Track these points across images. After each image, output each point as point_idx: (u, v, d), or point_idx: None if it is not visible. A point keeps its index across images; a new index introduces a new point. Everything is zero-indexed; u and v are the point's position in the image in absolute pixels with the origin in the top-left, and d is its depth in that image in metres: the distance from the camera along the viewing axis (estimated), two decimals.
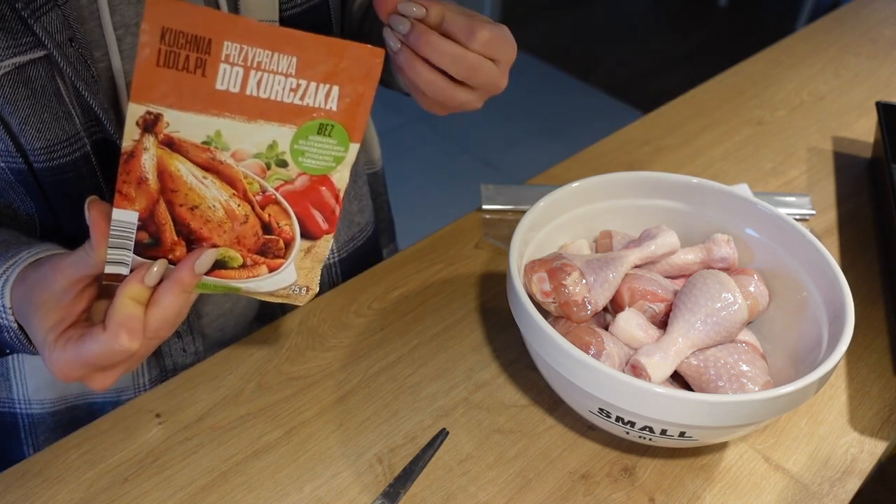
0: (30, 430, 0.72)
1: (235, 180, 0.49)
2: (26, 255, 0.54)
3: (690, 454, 0.64)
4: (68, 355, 0.49)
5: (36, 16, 0.51)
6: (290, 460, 0.62)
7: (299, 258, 0.53)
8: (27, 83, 0.53)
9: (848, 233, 0.87)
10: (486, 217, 0.86)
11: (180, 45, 0.43)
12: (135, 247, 0.49)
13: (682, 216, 0.72)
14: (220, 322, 0.77)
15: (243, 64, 0.44)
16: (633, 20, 3.34)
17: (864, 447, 0.65)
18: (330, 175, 0.50)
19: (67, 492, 0.59)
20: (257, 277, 0.53)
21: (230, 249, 0.51)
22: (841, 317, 0.59)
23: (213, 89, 0.45)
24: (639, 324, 0.62)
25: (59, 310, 0.50)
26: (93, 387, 0.52)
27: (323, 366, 0.69)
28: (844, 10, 1.32)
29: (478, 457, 0.63)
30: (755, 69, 1.15)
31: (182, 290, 0.49)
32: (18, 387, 0.70)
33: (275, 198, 0.50)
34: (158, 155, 0.46)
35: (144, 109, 0.44)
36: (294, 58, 0.45)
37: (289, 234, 0.52)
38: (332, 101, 0.47)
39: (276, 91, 0.46)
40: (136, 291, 0.48)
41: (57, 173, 0.58)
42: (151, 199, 0.48)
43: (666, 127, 1.02)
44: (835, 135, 1.02)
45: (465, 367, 0.70)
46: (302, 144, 0.48)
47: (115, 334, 0.48)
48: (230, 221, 0.50)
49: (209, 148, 0.47)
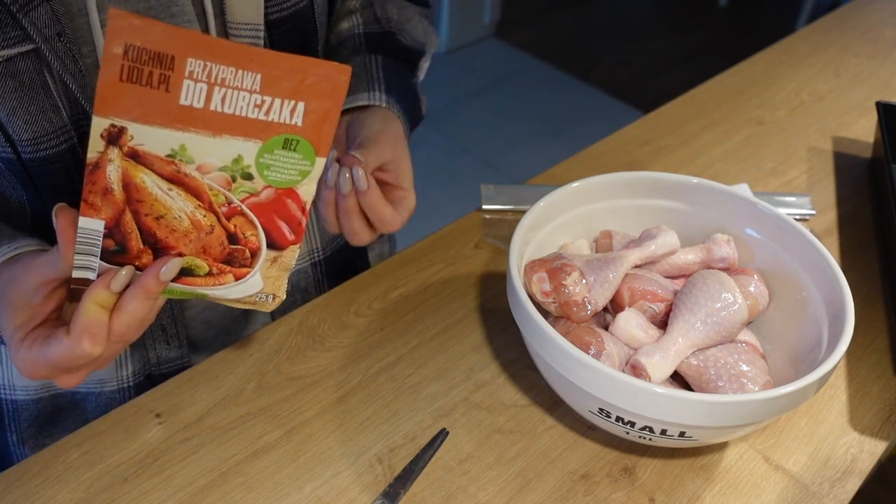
0: (13, 417, 0.73)
1: (201, 192, 0.49)
2: (5, 249, 0.55)
3: (690, 454, 0.64)
4: (34, 355, 0.50)
5: (24, 10, 0.52)
6: (290, 460, 0.62)
7: (265, 267, 0.54)
8: (15, 76, 0.54)
9: (848, 233, 0.87)
10: (486, 217, 0.86)
11: (143, 62, 0.43)
12: (102, 253, 0.49)
13: (682, 216, 0.72)
14: (206, 315, 0.77)
15: (207, 80, 0.45)
16: (633, 20, 3.34)
17: (864, 447, 0.65)
18: (296, 188, 0.51)
19: (67, 492, 0.59)
20: (224, 285, 0.54)
21: (196, 258, 0.52)
22: (841, 317, 0.59)
23: (176, 104, 0.45)
24: (639, 324, 0.62)
25: (29, 309, 0.51)
26: (59, 385, 0.53)
27: (323, 366, 0.69)
28: (844, 10, 1.32)
29: (478, 457, 0.63)
30: (755, 69, 1.15)
31: (147, 296, 0.50)
32: (3, 373, 0.71)
33: (240, 209, 0.51)
34: (123, 167, 0.47)
35: (108, 122, 0.45)
36: (258, 75, 0.45)
37: (255, 244, 0.52)
38: (298, 116, 0.48)
39: (241, 107, 0.46)
40: (101, 297, 0.49)
41: (44, 164, 0.58)
42: (117, 208, 0.48)
43: (666, 127, 1.02)
44: (835, 135, 1.02)
45: (465, 367, 0.70)
46: (267, 158, 0.49)
47: (78, 339, 0.49)
48: (196, 231, 0.51)
49: (174, 161, 0.47)
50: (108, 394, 0.72)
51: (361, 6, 0.77)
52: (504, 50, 3.04)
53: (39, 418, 0.73)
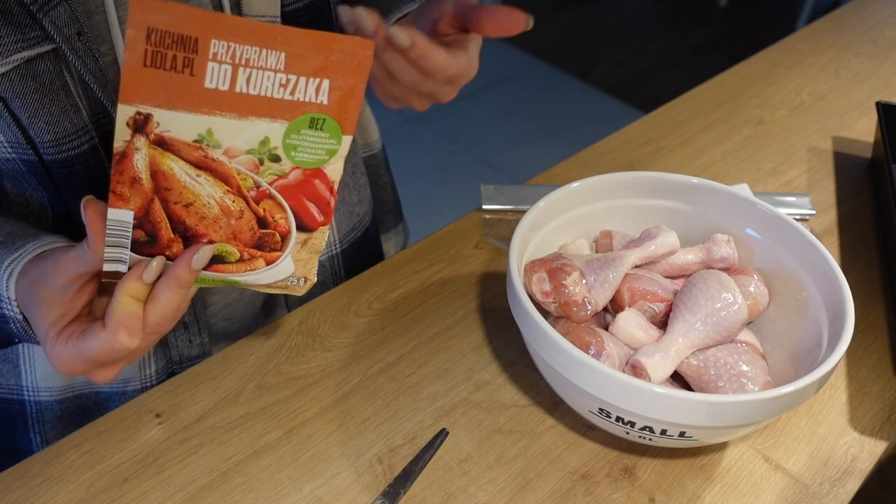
0: (37, 418, 0.73)
1: (229, 177, 0.49)
2: (31, 247, 0.55)
3: (690, 454, 0.64)
4: (70, 351, 0.50)
5: (45, 10, 0.52)
6: (290, 460, 0.62)
7: (296, 250, 0.53)
8: (35, 77, 0.54)
9: (848, 233, 0.87)
10: (486, 217, 0.86)
11: (167, 45, 0.42)
12: (132, 245, 0.49)
13: (682, 216, 0.72)
14: (227, 311, 0.77)
15: (231, 61, 0.44)
16: (633, 20, 3.34)
17: (864, 447, 0.65)
18: (323, 168, 0.50)
19: (67, 492, 0.59)
20: (255, 271, 0.53)
21: (227, 245, 0.51)
22: (841, 317, 0.59)
23: (201, 88, 0.44)
24: (639, 324, 0.62)
25: (61, 305, 0.51)
26: (95, 380, 0.53)
27: (323, 366, 0.69)
28: (844, 10, 1.32)
29: (478, 457, 0.63)
30: (755, 69, 1.15)
31: (180, 286, 0.50)
32: (27, 374, 0.71)
33: (269, 192, 0.50)
34: (150, 154, 0.46)
35: (134, 110, 0.44)
36: (283, 53, 0.45)
37: (284, 227, 0.52)
38: (323, 94, 0.47)
39: (266, 87, 0.46)
40: (134, 288, 0.49)
41: (66, 165, 0.58)
42: (146, 198, 0.48)
43: (666, 127, 1.02)
44: (835, 135, 1.02)
45: (465, 367, 0.70)
46: (294, 139, 0.48)
47: (115, 332, 0.48)
48: (225, 217, 0.50)
49: (201, 146, 0.47)
50: (132, 393, 0.72)
51: None
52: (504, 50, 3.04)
53: (63, 419, 0.73)
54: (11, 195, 0.63)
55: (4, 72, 0.52)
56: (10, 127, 0.55)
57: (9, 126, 0.55)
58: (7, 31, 0.51)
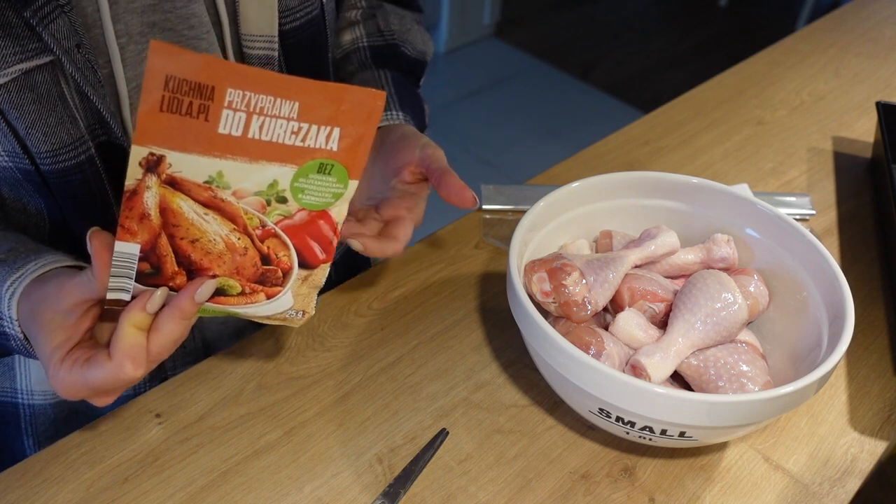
0: (30, 421, 0.73)
1: (236, 216, 0.50)
2: (33, 266, 0.55)
3: (690, 454, 0.64)
4: (74, 378, 0.51)
5: (44, 23, 0.52)
6: (290, 460, 0.62)
7: (296, 286, 0.54)
8: (33, 88, 0.54)
9: (848, 233, 0.87)
10: (486, 217, 0.86)
11: (184, 92, 0.43)
12: (136, 276, 0.50)
13: (682, 216, 0.72)
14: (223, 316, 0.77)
15: (246, 109, 0.45)
16: (633, 20, 3.34)
17: (864, 447, 0.65)
18: (329, 210, 0.52)
19: (67, 492, 0.59)
20: (255, 304, 0.54)
21: (229, 279, 0.52)
22: (841, 317, 0.59)
23: (215, 133, 0.45)
24: (639, 324, 0.62)
25: (65, 329, 0.51)
26: (96, 405, 0.54)
27: (323, 366, 0.69)
28: (844, 10, 1.32)
29: (478, 457, 0.63)
30: (755, 69, 1.15)
31: (182, 317, 0.51)
32: (22, 377, 0.71)
33: (274, 231, 0.51)
34: (160, 193, 0.47)
35: (147, 151, 0.45)
36: (296, 103, 0.46)
37: (287, 264, 0.53)
38: (333, 142, 0.48)
39: (278, 134, 0.47)
40: (138, 319, 0.50)
41: (63, 175, 0.58)
42: (153, 233, 0.49)
43: (666, 127, 1.02)
44: (835, 135, 1.02)
45: (465, 367, 0.70)
46: (302, 182, 0.49)
47: (121, 364, 0.50)
48: (230, 253, 0.51)
49: (211, 187, 0.48)
50: (123, 398, 0.72)
51: (363, 17, 0.78)
52: (504, 50, 3.04)
53: (56, 422, 0.74)
54: (9, 201, 0.63)
55: (2, 83, 0.53)
56: (7, 137, 0.56)
57: (6, 136, 0.56)
58: (5, 42, 0.52)
